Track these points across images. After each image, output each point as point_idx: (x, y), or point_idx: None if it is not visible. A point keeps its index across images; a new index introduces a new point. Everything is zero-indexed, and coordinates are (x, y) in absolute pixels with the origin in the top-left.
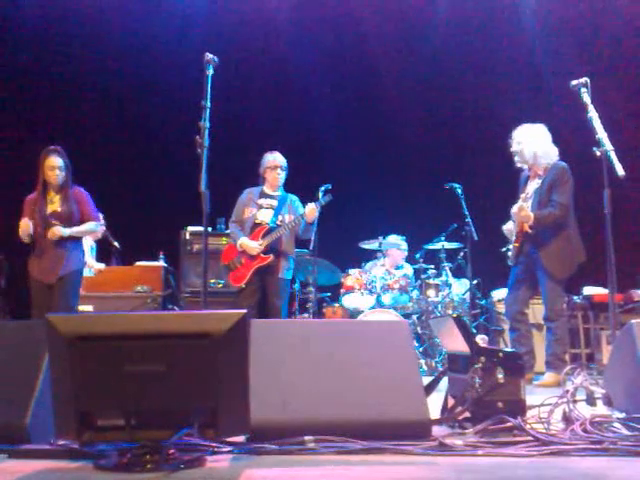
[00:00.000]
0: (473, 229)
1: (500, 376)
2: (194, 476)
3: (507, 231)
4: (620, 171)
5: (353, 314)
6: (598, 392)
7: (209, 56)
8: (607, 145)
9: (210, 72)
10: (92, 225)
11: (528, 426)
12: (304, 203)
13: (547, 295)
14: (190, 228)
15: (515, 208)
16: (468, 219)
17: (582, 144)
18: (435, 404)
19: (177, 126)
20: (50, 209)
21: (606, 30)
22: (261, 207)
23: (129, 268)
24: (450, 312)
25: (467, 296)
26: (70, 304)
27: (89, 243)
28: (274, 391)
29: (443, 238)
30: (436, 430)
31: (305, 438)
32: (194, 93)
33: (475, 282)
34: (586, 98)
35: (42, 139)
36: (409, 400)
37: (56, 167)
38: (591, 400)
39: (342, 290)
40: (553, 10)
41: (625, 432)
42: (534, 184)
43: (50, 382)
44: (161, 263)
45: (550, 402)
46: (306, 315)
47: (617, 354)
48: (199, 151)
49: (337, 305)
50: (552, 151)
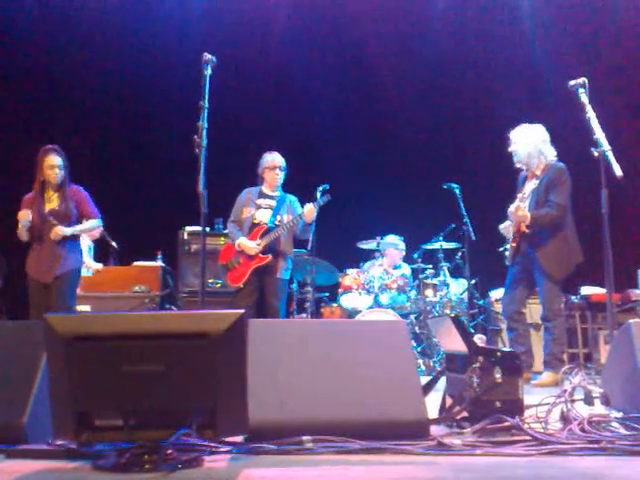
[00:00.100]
0: (471, 229)
1: (498, 376)
2: (192, 476)
3: (504, 230)
4: (618, 171)
5: (351, 314)
6: (596, 391)
7: (207, 56)
8: (605, 145)
9: (208, 72)
10: (94, 222)
11: (526, 425)
12: (302, 203)
13: (544, 295)
14: (188, 228)
15: (512, 207)
16: (466, 219)
17: (580, 144)
18: (433, 404)
19: (175, 126)
20: (48, 207)
21: (604, 31)
22: (259, 207)
23: (127, 268)
24: (448, 312)
25: (465, 296)
26: (67, 304)
27: (87, 243)
28: (272, 391)
29: (441, 238)
30: (434, 430)
31: (303, 438)
32: (192, 93)
33: (473, 282)
34: (584, 98)
35: (39, 139)
36: (407, 400)
37: (55, 166)
38: (589, 399)
39: (340, 290)
40: (552, 11)
41: (623, 431)
42: (531, 184)
43: (48, 382)
44: (159, 263)
45: (548, 401)
46: (304, 315)
47: (615, 354)
48: (197, 151)
49: (335, 305)
50: (549, 151)
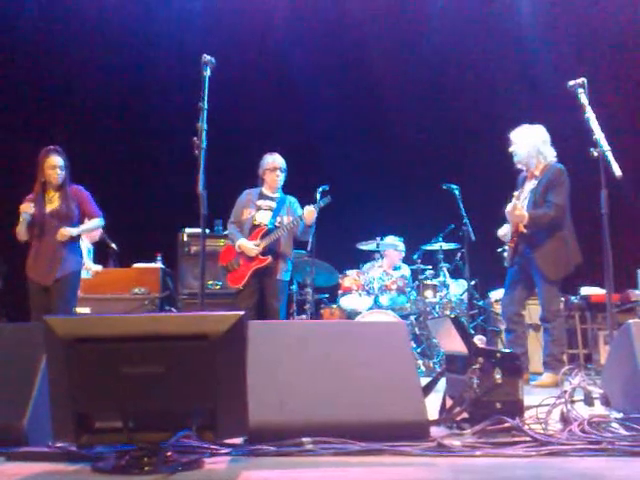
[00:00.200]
0: (470, 230)
1: (498, 377)
2: (192, 478)
3: (502, 236)
4: (617, 172)
5: (351, 315)
6: (596, 392)
7: (206, 57)
8: (604, 146)
9: (207, 73)
10: (96, 222)
11: (526, 426)
12: (302, 204)
13: (543, 296)
14: (188, 230)
15: (509, 207)
16: (465, 220)
17: (579, 144)
18: (433, 405)
19: (175, 127)
20: (49, 208)
21: (604, 31)
22: (260, 208)
23: (126, 270)
24: (448, 313)
25: (465, 297)
26: (68, 306)
27: (86, 245)
28: (272, 393)
29: (441, 239)
30: (434, 431)
31: (303, 439)
32: (192, 94)
33: (473, 283)
34: (583, 99)
35: (39, 141)
36: (407, 401)
37: (57, 166)
38: (589, 400)
39: (340, 291)
40: (551, 11)
41: (623, 432)
42: (530, 184)
43: (48, 384)
44: (158, 265)
45: (548, 402)
46: (304, 316)
47: (615, 354)
48: (196, 152)
49: (335, 306)
50: (549, 152)
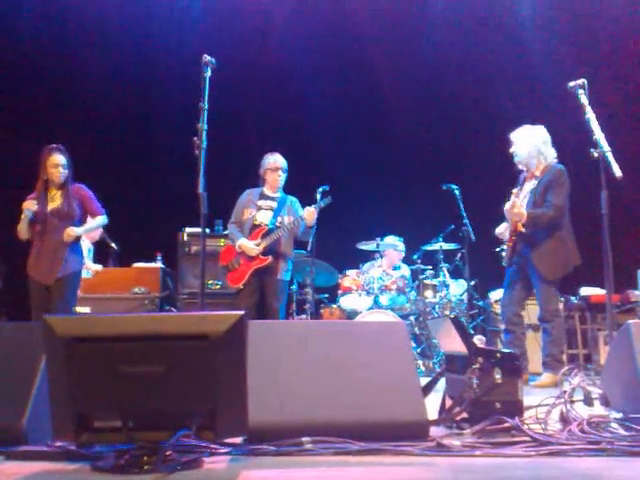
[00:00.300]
0: (470, 230)
1: (498, 377)
2: (192, 478)
3: (500, 234)
4: (617, 172)
5: (350, 315)
6: (595, 392)
7: (207, 58)
8: (604, 146)
9: (208, 74)
10: (100, 220)
11: (526, 426)
12: (302, 204)
13: (541, 296)
14: (188, 229)
15: (508, 205)
16: (465, 220)
17: (580, 145)
18: (433, 405)
19: (175, 127)
20: (51, 206)
21: (604, 31)
22: (260, 208)
23: (126, 270)
24: (447, 313)
25: (464, 297)
26: (68, 306)
27: (86, 245)
28: (272, 392)
29: (440, 239)
30: (434, 431)
31: (303, 439)
32: (192, 94)
33: (472, 283)
34: (584, 99)
35: (39, 140)
36: (407, 401)
37: (60, 165)
38: (588, 400)
39: (340, 291)
40: (551, 12)
41: (622, 432)
42: (530, 184)
43: (47, 383)
44: (158, 264)
45: (548, 402)
46: (304, 316)
47: (614, 355)
48: (197, 153)
49: (334, 306)
50: (549, 152)
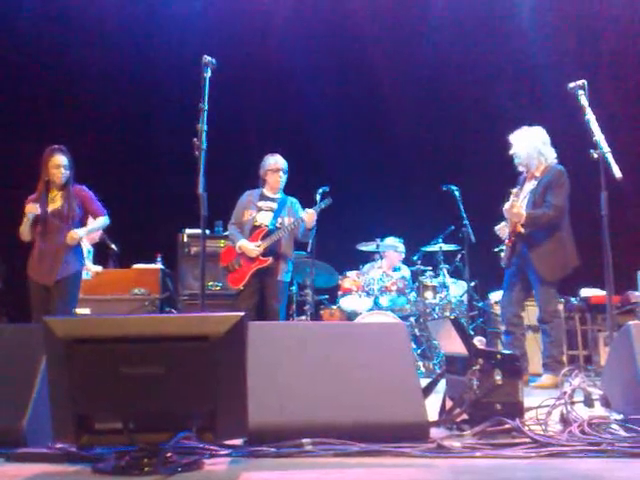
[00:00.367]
0: (470, 231)
1: (498, 378)
2: (192, 479)
3: (499, 231)
4: (617, 173)
5: (350, 316)
6: (596, 393)
7: (207, 58)
8: (604, 147)
9: (208, 74)
10: (102, 220)
11: (526, 428)
12: (302, 205)
13: (540, 297)
14: (188, 231)
15: (507, 205)
16: (465, 221)
17: (580, 146)
18: (433, 406)
19: (175, 128)
20: (51, 207)
21: (604, 32)
22: (261, 209)
23: (126, 271)
24: (448, 314)
25: (465, 298)
26: (68, 307)
27: (86, 246)
28: (272, 394)
29: (440, 240)
30: (434, 432)
31: (303, 441)
32: (192, 95)
33: (472, 284)
34: (583, 100)
35: (39, 140)
36: (407, 402)
37: (61, 165)
38: (589, 402)
39: (339, 292)
40: (551, 13)
41: (623, 433)
42: (530, 185)
43: (48, 385)
44: (158, 266)
45: (548, 404)
46: (303, 317)
47: (614, 356)
48: (197, 153)
49: (335, 307)
50: (549, 153)
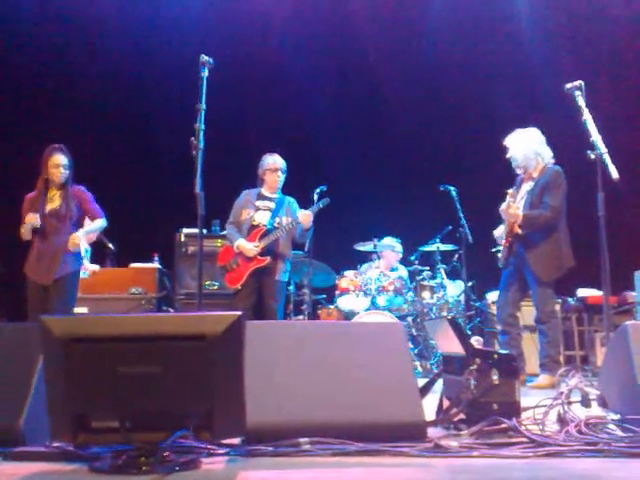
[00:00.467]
0: (468, 231)
1: (495, 378)
2: (189, 478)
3: (498, 237)
4: (614, 174)
5: (348, 316)
6: (593, 394)
7: (204, 58)
8: (601, 148)
9: (205, 74)
10: (100, 222)
11: (523, 427)
12: (300, 204)
13: (537, 297)
14: (185, 230)
15: (503, 206)
16: (463, 221)
17: (577, 147)
18: (430, 406)
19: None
20: (49, 207)
21: (602, 34)
22: (258, 209)
23: (123, 270)
24: (445, 314)
25: (462, 298)
26: (66, 307)
27: (84, 245)
28: (269, 393)
29: (438, 240)
30: (431, 432)
31: (300, 440)
32: (191, 95)
33: (470, 284)
34: (581, 101)
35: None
36: (404, 402)
37: (61, 165)
38: (586, 401)
39: (337, 292)
40: (549, 14)
41: (620, 433)
42: (527, 185)
43: (45, 384)
44: (155, 265)
45: (545, 404)
46: (301, 317)
47: (611, 356)
48: (194, 153)
49: (332, 307)
50: (546, 153)
